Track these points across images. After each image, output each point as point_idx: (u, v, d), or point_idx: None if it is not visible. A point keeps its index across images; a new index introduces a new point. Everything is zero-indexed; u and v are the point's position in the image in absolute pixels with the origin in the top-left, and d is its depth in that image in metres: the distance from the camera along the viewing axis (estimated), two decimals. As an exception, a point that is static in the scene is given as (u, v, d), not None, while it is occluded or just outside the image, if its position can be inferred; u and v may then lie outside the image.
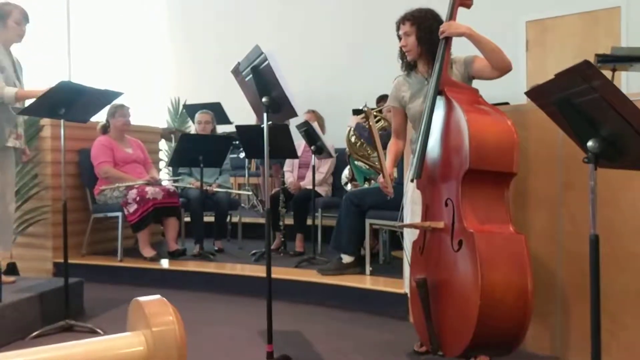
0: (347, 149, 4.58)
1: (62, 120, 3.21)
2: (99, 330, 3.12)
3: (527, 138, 2.81)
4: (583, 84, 1.58)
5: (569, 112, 1.71)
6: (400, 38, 2.77)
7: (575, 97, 1.65)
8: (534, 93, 1.88)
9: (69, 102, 3.14)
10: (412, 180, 2.53)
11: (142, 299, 0.61)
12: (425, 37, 2.67)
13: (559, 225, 2.73)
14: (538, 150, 2.79)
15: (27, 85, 3.55)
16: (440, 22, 2.65)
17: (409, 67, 2.82)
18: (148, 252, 4.57)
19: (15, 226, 4.44)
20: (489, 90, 2.70)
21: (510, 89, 4.46)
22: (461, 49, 2.72)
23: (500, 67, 2.51)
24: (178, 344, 0.59)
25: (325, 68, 7.18)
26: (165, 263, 4.53)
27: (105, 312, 3.62)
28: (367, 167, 4.53)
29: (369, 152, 4.43)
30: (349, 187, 4.76)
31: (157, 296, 0.62)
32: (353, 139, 4.48)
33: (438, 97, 2.44)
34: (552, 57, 6.07)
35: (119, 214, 4.53)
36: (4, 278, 3.22)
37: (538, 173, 2.80)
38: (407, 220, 2.89)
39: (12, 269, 4.23)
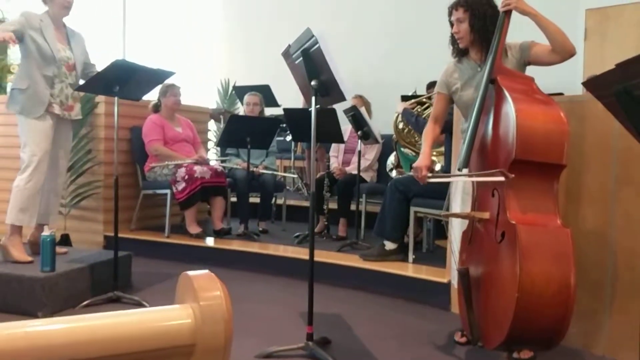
0: (394, 136, 4.54)
1: (116, 98, 3.30)
2: (145, 303, 3.22)
3: (581, 130, 2.73)
4: (645, 75, 1.52)
5: (628, 105, 1.65)
6: (452, 24, 2.70)
7: (636, 88, 1.58)
8: (591, 83, 1.82)
9: (123, 80, 3.22)
10: (459, 170, 2.49)
11: (191, 273, 0.63)
12: (479, 24, 2.60)
13: (611, 221, 2.65)
14: (592, 143, 2.71)
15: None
16: (495, 8, 2.58)
17: (461, 53, 2.76)
18: (194, 229, 4.66)
19: (69, 199, 4.62)
20: (544, 79, 2.63)
21: (566, 80, 4.34)
22: (515, 35, 2.65)
23: (563, 51, 2.44)
24: (225, 319, 0.60)
25: (375, 53, 7.11)
26: (210, 241, 4.62)
27: (152, 285, 3.73)
28: (414, 154, 4.48)
29: (416, 138, 4.39)
30: (394, 173, 4.73)
31: (206, 271, 0.64)
32: (400, 125, 4.44)
33: (490, 86, 2.39)
34: (611, 47, 5.83)
35: (168, 191, 4.64)
36: (58, 248, 3.35)
37: (591, 166, 2.72)
38: (457, 210, 2.85)
39: (65, 240, 4.40)
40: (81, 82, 3.52)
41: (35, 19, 3.32)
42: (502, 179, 2.17)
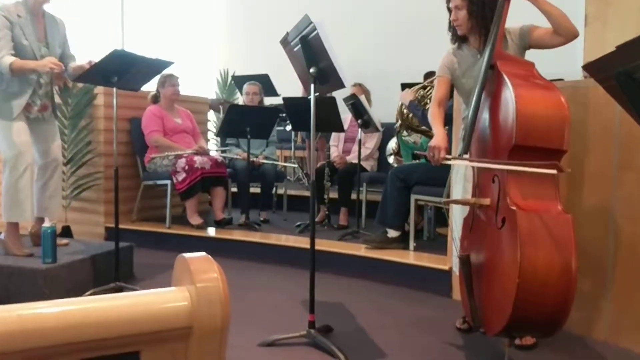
0: (398, 121, 4.51)
1: (114, 89, 3.28)
2: (147, 294, 3.22)
3: (584, 116, 2.72)
4: (647, 57, 1.50)
5: (629, 88, 1.63)
6: (450, 10, 2.68)
7: (637, 70, 1.57)
8: (592, 67, 1.80)
9: (121, 70, 3.20)
10: (460, 156, 2.48)
11: (187, 255, 0.62)
12: (477, 11, 2.57)
13: (613, 207, 2.64)
14: (594, 129, 2.70)
15: (79, 54, 3.50)
16: None
17: (460, 40, 2.73)
18: (195, 220, 4.66)
19: (70, 191, 4.61)
20: (543, 66, 2.60)
21: (565, 66, 4.31)
22: (513, 21, 2.63)
23: (566, 33, 2.41)
24: (222, 300, 0.60)
25: (374, 42, 7.08)
26: (211, 231, 4.63)
27: (153, 276, 3.73)
28: (412, 141, 4.47)
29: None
30: (392, 159, 4.70)
31: (202, 253, 0.63)
32: (405, 111, 4.40)
33: (489, 72, 2.37)
34: (612, 33, 5.77)
35: (168, 182, 4.64)
36: (58, 240, 3.35)
37: (593, 152, 2.71)
38: (458, 197, 2.84)
39: (66, 232, 4.41)
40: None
41: (13, 14, 3.14)
42: (554, 172, 2.04)
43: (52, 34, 3.35)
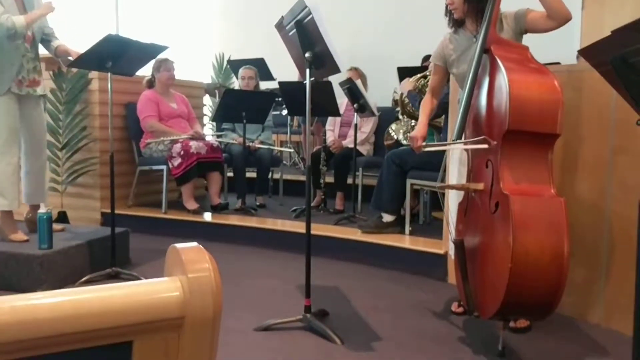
0: (398, 108, 4.50)
1: (109, 74, 3.26)
2: (143, 279, 3.23)
3: (579, 100, 2.72)
4: (641, 41, 1.50)
5: (624, 72, 1.63)
6: None
7: (632, 55, 1.57)
8: (587, 51, 1.80)
9: (115, 55, 3.18)
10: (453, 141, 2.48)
11: (179, 245, 0.63)
12: None
13: (607, 191, 2.65)
14: (589, 113, 2.70)
15: (71, 43, 3.46)
16: None
17: (457, 24, 2.73)
18: (191, 205, 4.66)
19: (66, 176, 4.60)
20: (540, 49, 2.60)
21: (563, 50, 4.30)
22: (509, 5, 2.62)
23: (559, 17, 2.40)
24: (213, 290, 0.60)
25: (371, 26, 7.03)
26: (208, 216, 4.63)
27: (150, 261, 3.74)
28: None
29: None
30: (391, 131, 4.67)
31: (194, 243, 0.63)
32: (406, 100, 4.40)
33: (484, 56, 2.37)
34: (610, 16, 5.73)
35: (164, 167, 4.63)
36: (55, 226, 3.34)
37: (588, 137, 2.71)
38: (453, 181, 2.85)
39: (62, 218, 4.40)
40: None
41: None
42: (485, 146, 2.22)
43: (30, 5, 3.30)
